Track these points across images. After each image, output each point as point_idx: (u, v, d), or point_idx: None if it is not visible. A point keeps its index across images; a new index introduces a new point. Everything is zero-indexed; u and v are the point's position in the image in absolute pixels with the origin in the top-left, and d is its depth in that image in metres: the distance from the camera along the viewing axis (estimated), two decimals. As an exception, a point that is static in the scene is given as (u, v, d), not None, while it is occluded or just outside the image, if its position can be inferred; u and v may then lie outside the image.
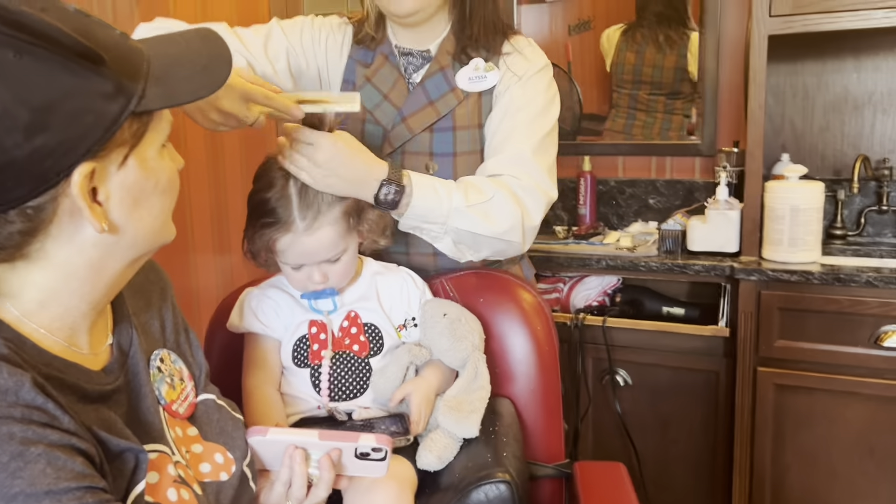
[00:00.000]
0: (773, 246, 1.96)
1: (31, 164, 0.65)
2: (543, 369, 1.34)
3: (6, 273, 0.72)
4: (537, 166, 1.31)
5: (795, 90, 2.27)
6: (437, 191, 1.22)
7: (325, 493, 0.94)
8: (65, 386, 0.72)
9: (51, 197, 0.68)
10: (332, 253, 1.16)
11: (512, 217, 1.26)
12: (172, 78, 0.75)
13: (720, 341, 2.02)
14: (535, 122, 1.33)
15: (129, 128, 0.72)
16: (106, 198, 0.72)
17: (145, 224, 0.77)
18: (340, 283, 1.22)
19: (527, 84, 1.35)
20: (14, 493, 0.62)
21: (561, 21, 2.59)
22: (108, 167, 0.71)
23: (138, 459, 0.75)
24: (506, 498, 1.07)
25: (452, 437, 1.17)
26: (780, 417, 1.95)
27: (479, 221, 1.24)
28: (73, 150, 0.67)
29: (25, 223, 0.68)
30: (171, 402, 0.87)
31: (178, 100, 0.76)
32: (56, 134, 0.66)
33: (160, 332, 0.93)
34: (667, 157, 2.48)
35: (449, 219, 1.22)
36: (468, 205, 1.23)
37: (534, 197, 1.29)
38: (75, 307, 0.76)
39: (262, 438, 0.91)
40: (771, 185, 1.98)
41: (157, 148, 0.76)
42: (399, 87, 1.37)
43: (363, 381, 1.21)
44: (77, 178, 0.68)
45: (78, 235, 0.72)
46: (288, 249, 1.15)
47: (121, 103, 0.70)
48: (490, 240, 1.26)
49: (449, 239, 1.26)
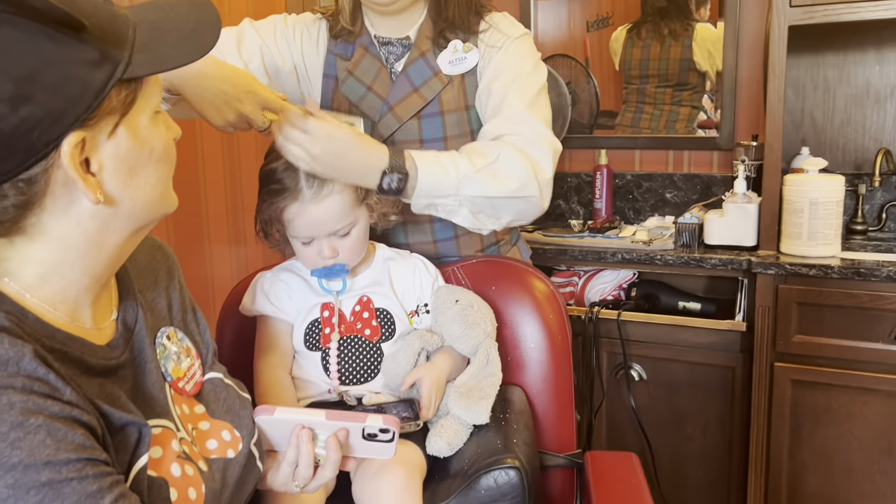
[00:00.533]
0: (791, 240, 1.93)
1: (18, 135, 0.64)
2: (556, 358, 1.33)
3: (4, 248, 0.72)
4: (536, 119, 1.29)
5: (816, 83, 2.23)
6: (441, 164, 1.20)
7: (331, 474, 0.93)
8: (68, 359, 0.72)
9: (42, 169, 0.67)
10: (340, 224, 1.16)
11: (522, 172, 1.23)
12: (160, 43, 0.73)
13: (737, 336, 2.00)
14: (525, 81, 1.31)
15: (118, 95, 0.70)
16: (99, 168, 0.71)
17: (143, 194, 0.76)
18: (351, 259, 1.21)
19: (508, 51, 1.34)
20: (13, 464, 0.61)
21: (579, 17, 2.58)
22: (99, 136, 0.70)
23: (141, 433, 0.75)
24: (515, 484, 1.06)
25: (463, 424, 1.16)
26: (798, 414, 1.92)
27: (491, 184, 1.20)
28: (61, 120, 0.66)
29: (19, 196, 0.67)
30: (177, 380, 0.87)
31: (166, 65, 0.73)
32: (41, 104, 0.64)
33: (167, 311, 0.92)
34: (684, 151, 2.46)
35: (460, 188, 1.20)
36: (476, 170, 1.20)
37: (539, 148, 1.26)
38: (77, 280, 0.75)
39: (269, 417, 0.90)
40: (790, 178, 1.95)
41: (148, 115, 0.75)
42: (382, 78, 1.36)
43: (374, 366, 1.21)
44: (66, 148, 0.67)
45: (74, 208, 0.71)
46: (295, 219, 1.15)
47: (107, 70, 0.68)
48: (506, 200, 1.23)
49: (465, 210, 1.22)
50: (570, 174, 2.58)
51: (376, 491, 1.03)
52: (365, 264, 1.27)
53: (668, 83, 2.48)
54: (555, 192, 2.58)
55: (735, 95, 2.35)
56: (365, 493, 1.04)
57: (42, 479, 0.62)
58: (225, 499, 0.83)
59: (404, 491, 1.03)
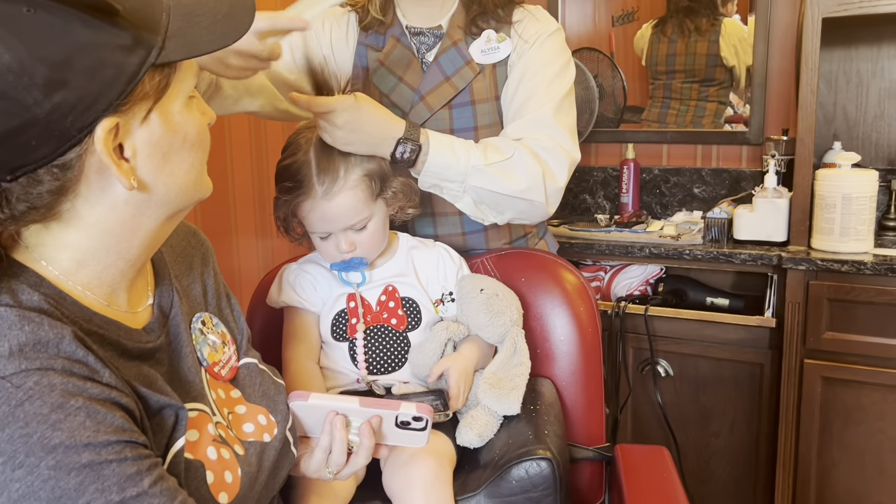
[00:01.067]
0: (822, 235, 1.91)
1: (52, 121, 0.64)
2: (586, 351, 1.32)
3: (41, 233, 0.72)
4: (558, 127, 1.29)
5: (849, 77, 2.20)
6: (454, 149, 1.21)
7: (364, 461, 0.93)
8: (105, 342, 0.72)
9: (76, 154, 0.67)
10: (354, 219, 1.16)
11: (532, 176, 1.24)
12: (194, 27, 0.72)
13: (766, 332, 1.97)
14: (552, 85, 1.31)
15: (151, 81, 0.70)
16: (132, 154, 0.71)
17: (177, 179, 0.75)
18: (369, 253, 1.21)
19: (541, 48, 1.33)
20: (54, 445, 0.62)
21: (604, 11, 2.56)
22: (132, 122, 0.70)
23: (178, 416, 0.75)
24: (547, 476, 1.05)
25: (493, 415, 1.16)
26: (828, 412, 1.89)
27: (499, 180, 1.22)
28: (94, 106, 0.66)
29: (53, 182, 0.67)
30: (213, 364, 0.87)
31: (200, 50, 0.72)
32: (75, 89, 0.64)
33: (202, 296, 0.92)
34: (713, 146, 2.43)
35: (467, 177, 1.21)
36: (486, 163, 1.22)
37: (555, 157, 1.27)
38: (112, 265, 0.75)
39: (304, 403, 0.90)
40: (822, 172, 1.93)
41: (182, 101, 0.74)
42: (413, 68, 1.36)
43: (401, 355, 1.20)
44: (100, 133, 0.67)
45: (108, 194, 0.71)
46: (309, 215, 1.16)
47: (140, 55, 0.67)
48: (510, 199, 1.25)
49: (469, 198, 1.25)
50: (596, 168, 2.57)
51: (407, 480, 1.03)
52: (389, 254, 1.27)
53: (695, 79, 2.46)
54: (580, 186, 2.58)
55: (765, 89, 2.32)
56: (395, 482, 1.04)
57: (82, 461, 0.62)
58: (260, 483, 0.83)
59: (435, 480, 1.03)
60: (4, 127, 0.63)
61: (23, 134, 0.64)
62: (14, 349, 0.63)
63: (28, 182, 0.67)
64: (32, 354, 0.64)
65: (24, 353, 0.64)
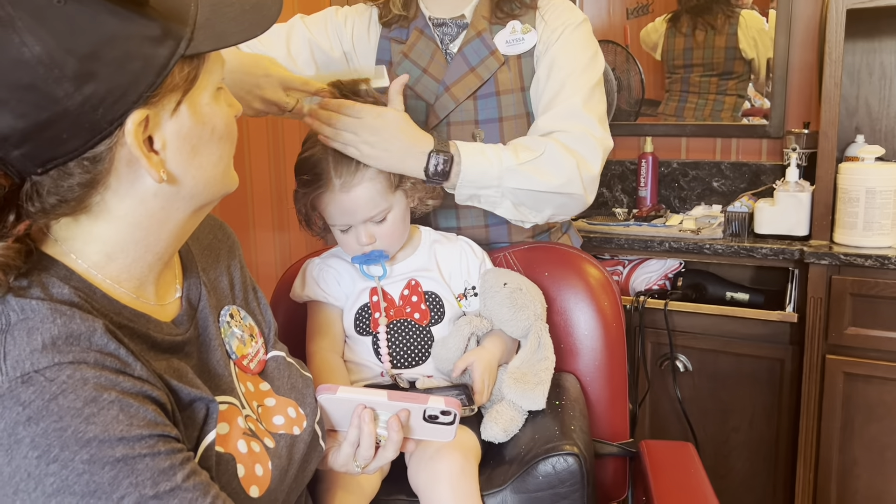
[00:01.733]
0: (845, 229, 1.89)
1: (83, 113, 0.64)
2: (610, 346, 1.31)
3: (70, 226, 0.72)
4: (589, 116, 1.27)
5: (872, 69, 2.17)
6: (485, 154, 1.20)
7: (392, 455, 0.92)
8: (135, 335, 0.72)
9: (107, 147, 0.67)
10: (373, 211, 1.15)
11: (567, 169, 1.22)
12: (221, 18, 0.72)
13: (787, 328, 1.96)
14: (581, 76, 1.30)
15: (181, 72, 0.69)
16: (162, 146, 0.70)
17: (205, 172, 0.75)
18: (390, 245, 1.20)
19: (568, 39, 1.31)
20: (88, 439, 0.61)
21: (619, 4, 2.55)
22: (162, 114, 0.69)
23: (209, 409, 0.75)
24: (574, 471, 1.04)
25: (518, 410, 1.15)
26: (850, 408, 1.88)
27: (534, 178, 1.21)
28: (124, 98, 0.65)
29: (84, 175, 0.67)
30: (241, 357, 0.86)
31: (228, 41, 0.72)
32: (105, 81, 0.64)
33: (229, 289, 0.92)
34: (732, 139, 2.41)
35: (503, 180, 1.19)
36: (519, 163, 1.20)
37: (587, 145, 1.25)
38: (141, 258, 0.75)
39: (332, 396, 0.90)
40: (845, 166, 1.91)
41: (211, 92, 0.74)
42: (437, 60, 1.35)
43: (424, 349, 1.20)
44: (130, 126, 0.66)
45: (137, 186, 0.71)
46: (328, 208, 1.15)
47: (170, 47, 0.67)
48: (550, 195, 1.23)
49: (508, 202, 1.23)
50: (613, 162, 2.55)
51: (433, 474, 1.02)
52: (411, 248, 1.27)
53: (714, 72, 2.44)
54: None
55: (786, 82, 2.29)
56: (421, 477, 1.03)
57: (116, 455, 0.62)
58: (291, 476, 0.83)
59: (461, 475, 1.02)
60: (35, 120, 0.63)
61: (53, 127, 0.63)
62: (47, 342, 0.63)
63: (59, 175, 0.66)
64: (65, 348, 0.63)
65: (56, 346, 0.63)
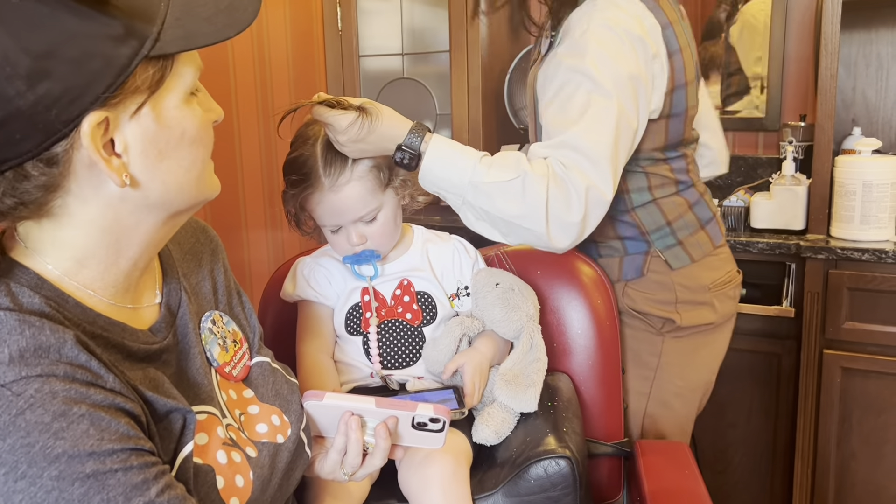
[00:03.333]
0: (842, 223, 1.87)
1: (36, 113, 0.61)
2: (603, 345, 1.29)
3: (34, 231, 0.70)
4: (586, 153, 1.14)
5: (869, 60, 2.15)
6: (455, 161, 1.13)
7: (380, 462, 0.91)
8: (109, 344, 0.70)
9: (63, 149, 0.64)
10: (363, 211, 1.14)
11: (531, 203, 1.11)
12: (193, 18, 0.68)
13: (783, 322, 1.94)
14: (568, 103, 1.18)
15: (144, 73, 0.66)
16: (124, 149, 0.67)
17: (175, 178, 0.72)
18: (381, 245, 1.19)
19: (559, 58, 1.23)
20: (57, 454, 0.59)
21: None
22: (122, 116, 0.66)
23: (186, 420, 0.73)
24: (566, 474, 1.03)
25: (509, 412, 1.13)
26: (847, 402, 1.86)
27: (494, 200, 1.12)
28: (80, 98, 0.62)
29: (41, 177, 0.65)
30: (223, 365, 0.85)
31: (198, 42, 0.68)
32: (61, 81, 0.61)
33: (212, 294, 0.90)
34: (728, 132, 2.38)
35: (465, 192, 1.14)
36: (486, 181, 1.12)
37: (572, 187, 1.12)
38: (114, 264, 0.73)
39: (319, 403, 0.88)
40: (842, 159, 1.89)
41: (180, 95, 0.70)
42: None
43: (415, 350, 1.18)
44: (87, 127, 0.63)
45: (102, 191, 0.68)
46: (317, 208, 1.14)
47: (132, 47, 0.64)
48: (507, 223, 1.14)
49: (469, 213, 1.17)
50: (609, 156, 2.53)
51: (423, 479, 1.01)
52: (403, 248, 1.25)
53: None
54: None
55: (782, 74, 2.27)
56: (412, 481, 1.02)
57: (86, 471, 0.60)
58: (274, 485, 0.81)
59: (452, 479, 1.01)
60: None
61: (5, 126, 0.61)
62: (14, 355, 0.61)
63: (15, 177, 0.64)
64: (33, 360, 0.62)
65: (24, 359, 0.61)
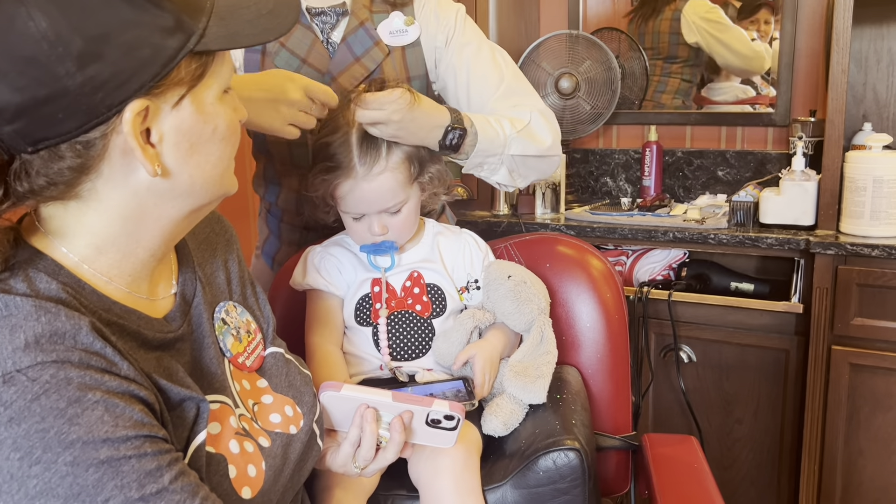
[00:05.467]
0: (852, 219, 1.86)
1: (82, 95, 0.63)
2: (612, 338, 1.29)
3: (59, 212, 0.71)
4: (532, 92, 1.35)
5: (880, 56, 2.14)
6: (491, 124, 1.24)
7: (392, 457, 0.91)
8: (125, 332, 0.71)
9: (101, 133, 0.65)
10: (392, 202, 1.14)
11: (550, 131, 1.31)
12: (236, 19, 0.71)
13: (792, 318, 1.94)
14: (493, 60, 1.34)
15: (188, 67, 0.68)
16: (159, 139, 0.69)
17: (203, 171, 0.73)
18: (401, 236, 1.19)
19: (460, 43, 1.34)
20: (71, 440, 0.60)
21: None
22: (163, 107, 0.68)
23: (199, 409, 0.73)
24: (575, 467, 1.03)
25: (518, 403, 1.13)
26: (855, 399, 1.86)
27: (530, 143, 1.27)
28: (127, 84, 0.64)
29: (75, 159, 0.66)
30: (237, 355, 0.85)
31: (239, 42, 0.72)
32: (109, 65, 0.63)
33: (226, 285, 0.90)
34: (737, 128, 2.39)
35: (506, 147, 1.25)
36: (518, 129, 1.26)
37: (549, 116, 1.33)
38: (132, 254, 0.74)
39: (335, 394, 0.88)
40: (852, 154, 1.88)
41: (216, 93, 0.72)
42: (317, 50, 1.31)
43: (425, 342, 1.18)
44: (129, 114, 0.65)
45: (131, 178, 0.69)
46: (348, 196, 1.14)
47: (180, 40, 0.66)
48: (539, 160, 1.30)
49: (505, 168, 1.28)
50: (617, 151, 2.52)
51: (434, 468, 1.01)
52: (415, 240, 1.25)
53: (660, 55, 2.51)
54: (601, 169, 2.55)
55: (792, 69, 2.26)
56: (423, 471, 1.02)
57: (101, 457, 0.61)
58: (285, 476, 0.81)
59: (464, 469, 1.01)
60: (32, 95, 0.62)
61: (50, 104, 0.62)
62: (30, 341, 0.62)
63: (49, 156, 0.65)
64: (48, 346, 0.62)
65: (39, 345, 0.62)
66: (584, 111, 2.38)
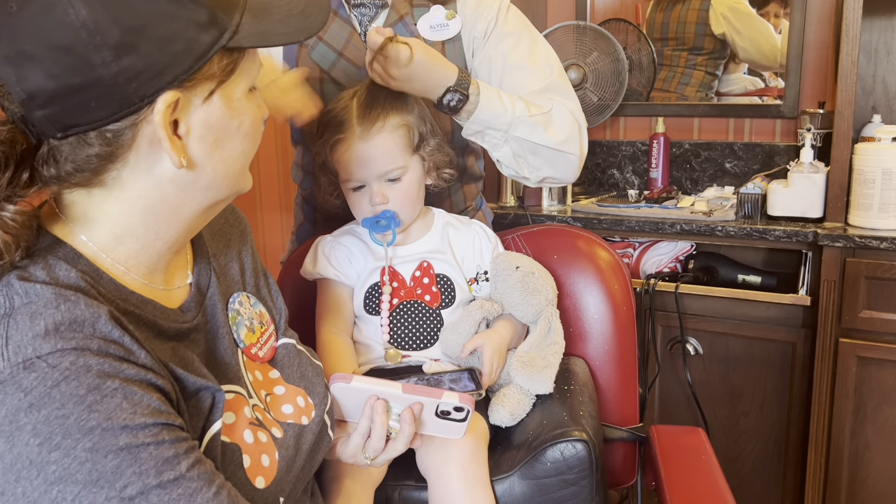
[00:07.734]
0: (860, 211, 1.86)
1: (116, 85, 0.64)
2: (620, 330, 1.29)
3: (82, 198, 0.71)
4: (571, 94, 1.31)
5: (890, 47, 2.12)
6: (501, 99, 1.22)
7: (402, 448, 0.91)
8: (141, 321, 0.71)
9: (131, 122, 0.66)
10: (390, 165, 1.14)
11: (570, 127, 1.26)
12: (268, 18, 0.73)
13: (799, 311, 1.93)
14: (533, 54, 1.30)
15: (219, 62, 0.69)
16: (186, 132, 0.70)
17: (225, 166, 0.74)
18: (402, 209, 1.18)
19: (499, 36, 1.30)
20: (91, 427, 0.60)
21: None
22: (193, 100, 0.69)
23: (215, 398, 0.74)
24: (583, 457, 1.03)
25: (525, 393, 1.14)
26: (862, 392, 1.86)
27: (541, 131, 1.23)
28: (160, 76, 0.65)
29: (104, 147, 0.67)
30: (250, 346, 0.85)
31: (270, 41, 0.73)
32: (144, 57, 0.64)
33: (239, 276, 0.91)
34: (745, 119, 2.38)
35: (511, 127, 1.22)
36: (532, 113, 1.23)
37: (581, 119, 1.30)
38: (150, 245, 0.74)
39: (346, 385, 0.88)
40: (861, 146, 1.87)
41: (244, 89, 0.74)
42: (354, 43, 1.30)
43: (433, 332, 1.19)
44: (160, 105, 0.66)
45: (155, 169, 0.70)
46: (344, 156, 1.15)
47: (213, 35, 0.68)
48: (549, 151, 1.25)
49: (508, 148, 1.25)
50: (624, 143, 2.52)
51: (443, 458, 1.01)
52: (424, 228, 1.25)
53: (684, 47, 2.47)
54: (608, 161, 2.54)
55: (801, 60, 2.25)
56: (431, 461, 1.03)
57: (119, 444, 0.61)
58: (298, 466, 0.82)
59: (472, 459, 1.01)
60: (66, 82, 0.63)
61: (83, 93, 0.63)
62: (50, 328, 0.62)
63: (77, 143, 0.66)
64: (68, 334, 0.63)
65: (59, 332, 0.62)
66: (592, 102, 2.38)
